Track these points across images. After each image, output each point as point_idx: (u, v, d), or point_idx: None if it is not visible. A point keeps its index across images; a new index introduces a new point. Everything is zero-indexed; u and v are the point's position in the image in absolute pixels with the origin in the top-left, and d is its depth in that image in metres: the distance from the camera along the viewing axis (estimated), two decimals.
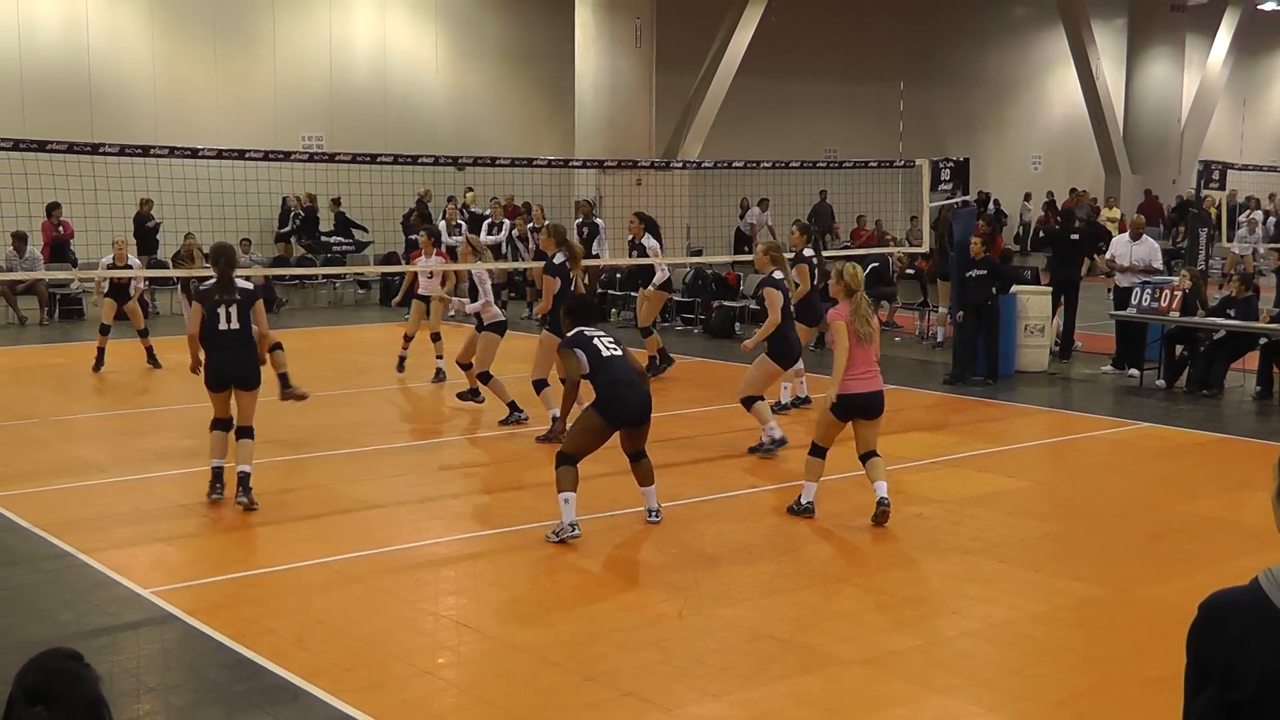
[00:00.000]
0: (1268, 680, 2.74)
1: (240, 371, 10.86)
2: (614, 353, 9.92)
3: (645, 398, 9.91)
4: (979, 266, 17.33)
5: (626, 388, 9.76)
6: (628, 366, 9.91)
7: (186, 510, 10.87)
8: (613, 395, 9.75)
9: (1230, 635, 2.81)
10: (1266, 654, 2.75)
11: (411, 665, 7.45)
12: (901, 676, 7.32)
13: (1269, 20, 46.77)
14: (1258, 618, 2.79)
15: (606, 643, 7.76)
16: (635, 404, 9.81)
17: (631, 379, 9.86)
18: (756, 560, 9.49)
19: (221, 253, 11.06)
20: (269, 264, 26.49)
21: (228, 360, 10.82)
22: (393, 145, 25.01)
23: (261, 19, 30.22)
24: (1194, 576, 8.86)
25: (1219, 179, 22.43)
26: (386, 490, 11.61)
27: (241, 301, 10.84)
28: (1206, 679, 2.85)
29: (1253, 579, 2.85)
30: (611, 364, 9.82)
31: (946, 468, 12.63)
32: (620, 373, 9.80)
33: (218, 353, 10.87)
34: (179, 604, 8.39)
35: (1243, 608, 2.83)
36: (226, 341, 10.81)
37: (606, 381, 9.76)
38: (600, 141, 28.23)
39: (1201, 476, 12.64)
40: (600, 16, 28.66)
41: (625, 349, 10.08)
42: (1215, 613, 2.87)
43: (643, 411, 9.90)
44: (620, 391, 9.75)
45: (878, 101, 37.90)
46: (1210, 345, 16.95)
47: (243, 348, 10.88)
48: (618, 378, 9.78)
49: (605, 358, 9.82)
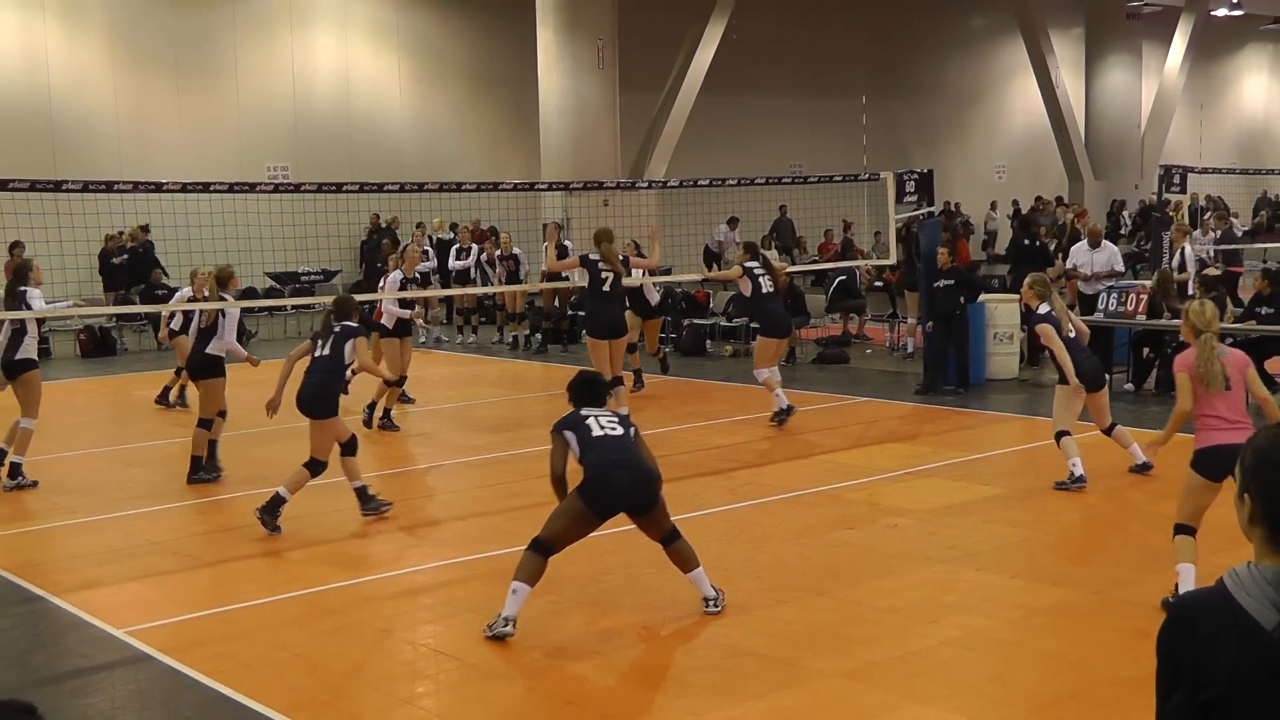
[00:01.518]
0: (1236, 679, 2.78)
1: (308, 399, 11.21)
2: (609, 432, 8.42)
3: (641, 479, 8.35)
4: (946, 276, 17.40)
5: (615, 467, 8.22)
6: (623, 445, 8.36)
7: (158, 548, 10.80)
8: (597, 476, 8.22)
9: (1199, 636, 2.84)
10: (1233, 653, 2.79)
11: (391, 695, 7.41)
12: (882, 687, 7.32)
13: (1222, 26, 47.21)
14: (1224, 618, 2.82)
15: (585, 665, 7.75)
16: (625, 486, 8.25)
17: (625, 458, 8.30)
18: (733, 577, 9.48)
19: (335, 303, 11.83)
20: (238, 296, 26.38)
21: (303, 384, 11.28)
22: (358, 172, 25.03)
23: (223, 50, 30.20)
24: (1169, 577, 8.86)
25: (1180, 183, 22.57)
26: (361, 520, 11.56)
27: (338, 334, 11.32)
28: (1178, 680, 2.88)
29: (1218, 579, 2.88)
30: (602, 443, 8.33)
31: (920, 478, 12.65)
32: (610, 451, 8.29)
33: (304, 376, 11.36)
34: (154, 643, 8.31)
35: (1210, 609, 2.86)
36: (315, 367, 11.32)
37: (593, 461, 8.26)
38: (566, 163, 28.25)
39: (1173, 477, 12.63)
40: (562, 38, 28.69)
41: (632, 428, 8.60)
42: (1183, 615, 2.91)
43: (635, 495, 8.33)
44: (606, 472, 8.21)
45: (841, 115, 38.11)
46: (1177, 347, 17.01)
47: (317, 375, 11.23)
48: (605, 456, 8.26)
49: (596, 437, 8.35)
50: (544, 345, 23.74)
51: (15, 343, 13.01)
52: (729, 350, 22.11)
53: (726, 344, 22.39)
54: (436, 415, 16.69)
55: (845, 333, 22.96)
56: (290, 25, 31.25)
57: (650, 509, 8.43)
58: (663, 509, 8.51)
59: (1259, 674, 2.75)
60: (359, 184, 16.52)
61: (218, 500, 12.42)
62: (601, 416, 8.55)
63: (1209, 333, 8.70)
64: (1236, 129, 54.47)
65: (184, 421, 16.87)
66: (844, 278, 23.31)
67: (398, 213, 27.68)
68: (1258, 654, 2.76)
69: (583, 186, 24.40)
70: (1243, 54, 54.42)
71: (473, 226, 27.25)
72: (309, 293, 27.62)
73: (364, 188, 16.49)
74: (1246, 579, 2.85)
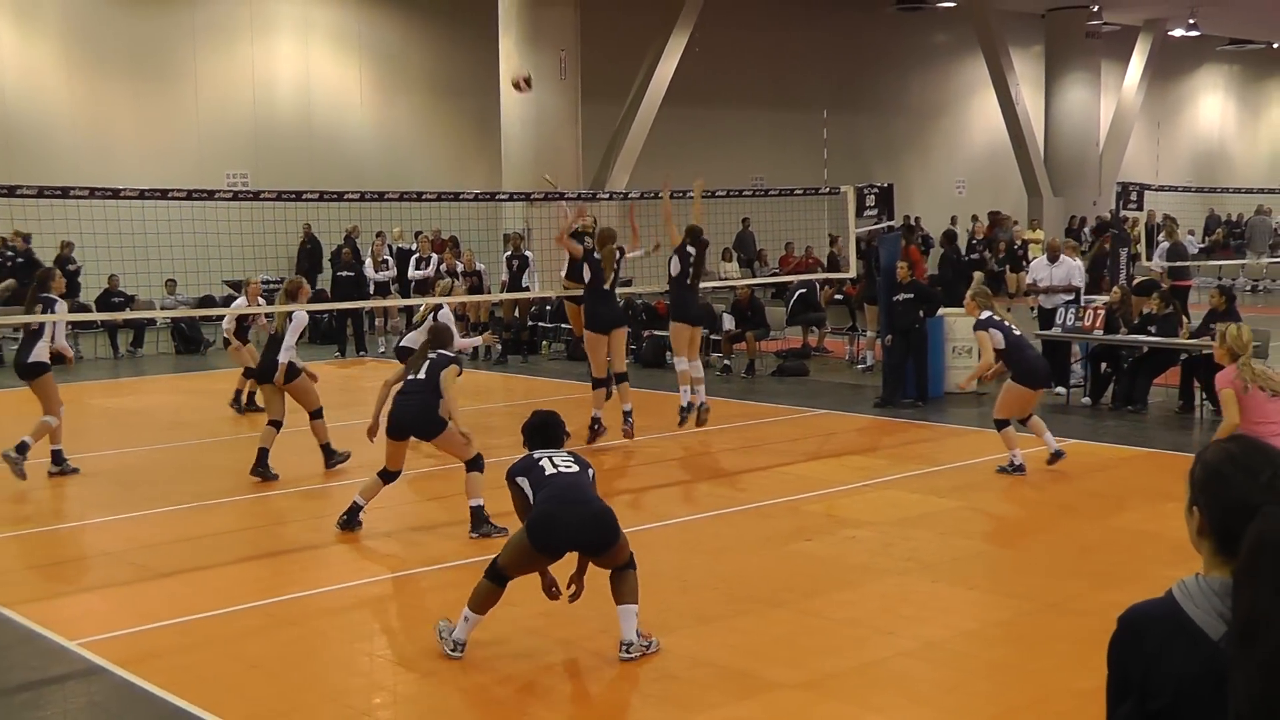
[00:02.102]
0: (1183, 689, 2.82)
1: (409, 419, 10.99)
2: (562, 469, 7.99)
3: (592, 517, 7.87)
4: (906, 290, 17.48)
5: (561, 504, 7.79)
6: (576, 483, 7.93)
7: (111, 558, 10.73)
8: (542, 514, 7.77)
9: (1147, 647, 2.89)
10: (1181, 663, 2.83)
11: (348, 707, 7.38)
12: (839, 698, 7.34)
13: (1179, 46, 47.69)
14: (1173, 629, 2.87)
15: (546, 676, 7.74)
16: (572, 525, 7.80)
17: (576, 496, 7.86)
18: (692, 588, 9.49)
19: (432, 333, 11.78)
20: (194, 304, 26.31)
21: (402, 406, 11.01)
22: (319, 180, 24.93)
23: (182, 55, 30.06)
24: (1123, 588, 8.92)
25: (1137, 200, 22.71)
26: (319, 531, 11.52)
27: (435, 361, 11.10)
28: (1126, 690, 2.93)
29: (1168, 591, 2.92)
30: (553, 481, 7.90)
31: (878, 490, 12.69)
32: (560, 490, 7.86)
33: (400, 399, 11.09)
34: (108, 655, 8.21)
35: (1158, 619, 2.91)
36: (411, 389, 11.05)
37: (541, 499, 7.83)
38: (527, 174, 28.22)
39: (1129, 491, 12.77)
40: (525, 49, 28.67)
41: (589, 470, 8.16)
42: (1133, 625, 2.95)
43: (585, 534, 7.87)
44: (551, 510, 7.77)
45: (803, 129, 38.24)
46: (1133, 362, 17.18)
47: (414, 396, 10.97)
48: (554, 494, 7.83)
49: (549, 475, 7.93)
50: (504, 355, 23.72)
51: (28, 346, 13.62)
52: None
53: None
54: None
55: (805, 345, 23.01)
56: (251, 32, 31.14)
57: (605, 549, 7.94)
58: (620, 550, 7.98)
59: (1205, 683, 2.79)
60: (319, 192, 16.45)
61: (174, 511, 12.33)
62: (556, 457, 8.11)
63: (1246, 355, 9.36)
64: (1193, 148, 55.03)
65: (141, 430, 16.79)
66: (804, 291, 23.37)
67: (358, 222, 27.57)
68: (1204, 663, 2.80)
69: (544, 197, 24.38)
70: (1199, 74, 54.98)
71: (433, 236, 27.21)
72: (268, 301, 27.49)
73: (324, 196, 16.43)
74: (1195, 590, 2.90)
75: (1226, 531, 2.86)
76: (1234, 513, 2.85)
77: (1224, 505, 2.89)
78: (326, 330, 26.34)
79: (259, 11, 31.27)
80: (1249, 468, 2.89)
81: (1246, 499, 2.84)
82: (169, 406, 19.20)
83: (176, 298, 26.14)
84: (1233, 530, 2.83)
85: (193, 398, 19.29)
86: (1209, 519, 2.93)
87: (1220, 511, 2.90)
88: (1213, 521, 2.92)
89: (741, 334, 21.35)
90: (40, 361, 13.57)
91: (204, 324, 25.90)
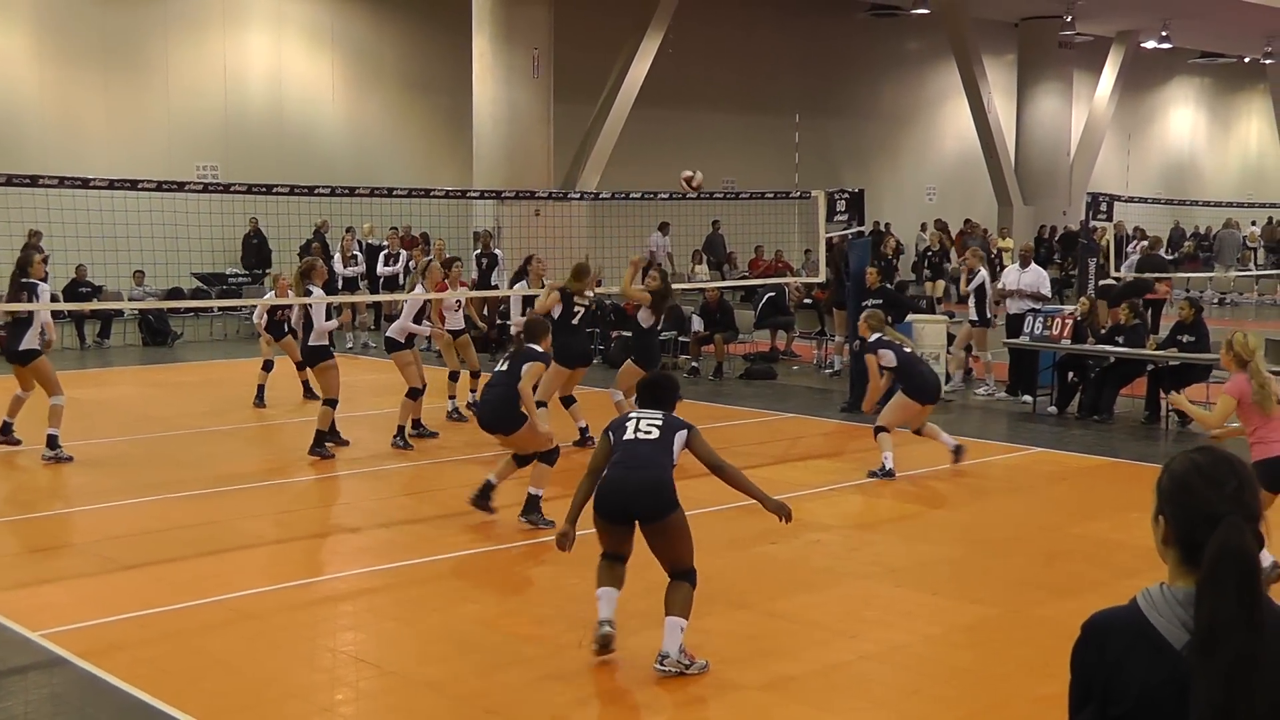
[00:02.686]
0: (1144, 696, 2.85)
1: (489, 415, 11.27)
2: (640, 435, 7.96)
3: (648, 485, 7.80)
4: (874, 295, 17.53)
5: (623, 469, 7.82)
6: (645, 449, 7.88)
7: (76, 550, 10.69)
8: (605, 479, 7.86)
9: (1110, 654, 2.91)
10: (1144, 671, 2.85)
11: (310, 703, 7.37)
12: (800, 700, 7.36)
13: (1151, 58, 47.88)
14: (1135, 637, 2.89)
15: (508, 675, 7.73)
16: (626, 489, 7.80)
17: (640, 462, 7.83)
18: (656, 589, 9.47)
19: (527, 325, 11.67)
20: (163, 296, 26.21)
21: (484, 401, 11.48)
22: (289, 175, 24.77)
23: (153, 46, 29.95)
24: (1086, 596, 8.97)
25: (1107, 210, 22.81)
26: (283, 525, 11.49)
27: (517, 354, 11.29)
28: (1088, 696, 2.95)
29: (1132, 599, 2.94)
30: (626, 446, 7.93)
31: (844, 494, 12.73)
32: (627, 455, 7.87)
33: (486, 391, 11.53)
34: (70, 647, 8.18)
35: (1121, 627, 2.93)
36: (495, 381, 11.23)
37: (611, 464, 7.89)
38: (498, 172, 28.19)
39: (1093, 499, 12.83)
40: (498, 47, 28.65)
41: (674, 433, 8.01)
42: (1096, 632, 2.97)
43: (638, 500, 7.81)
44: (612, 475, 7.83)
45: (774, 133, 38.26)
46: (1100, 372, 17.26)
47: (495, 390, 11.17)
48: (620, 459, 7.87)
49: (626, 440, 7.95)
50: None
51: (18, 334, 13.96)
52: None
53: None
54: (362, 422, 16.60)
55: (773, 349, 23.06)
56: (223, 24, 31.04)
57: (655, 520, 7.82)
58: (677, 533, 7.87)
59: (1167, 691, 2.81)
60: (289, 186, 16.32)
61: (140, 503, 12.29)
62: (644, 419, 8.10)
63: (1254, 361, 9.44)
64: (1163, 159, 55.32)
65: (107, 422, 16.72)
66: (773, 294, 23.43)
67: (328, 216, 27.50)
68: (1166, 672, 2.82)
69: (515, 196, 24.37)
70: (1170, 86, 55.26)
71: (403, 233, 27.17)
72: (236, 294, 27.43)
73: (294, 190, 16.32)
74: (1159, 599, 2.91)
75: (1191, 541, 2.88)
76: (1199, 523, 2.87)
77: (1189, 515, 2.91)
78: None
79: (231, 4, 31.18)
80: (1214, 479, 2.91)
81: (1211, 510, 2.86)
82: (135, 398, 19.11)
83: (144, 289, 26.02)
84: (1197, 540, 2.85)
85: (159, 390, 19.20)
86: (1174, 529, 2.95)
87: (1185, 521, 2.92)
88: (1178, 531, 2.94)
89: (710, 336, 21.38)
90: (32, 348, 13.91)
91: (171, 316, 25.81)
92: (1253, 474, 2.94)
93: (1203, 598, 2.79)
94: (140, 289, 25.97)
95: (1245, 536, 2.81)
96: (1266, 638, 2.75)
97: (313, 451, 14.21)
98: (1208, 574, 2.79)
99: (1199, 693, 2.73)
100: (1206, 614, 2.77)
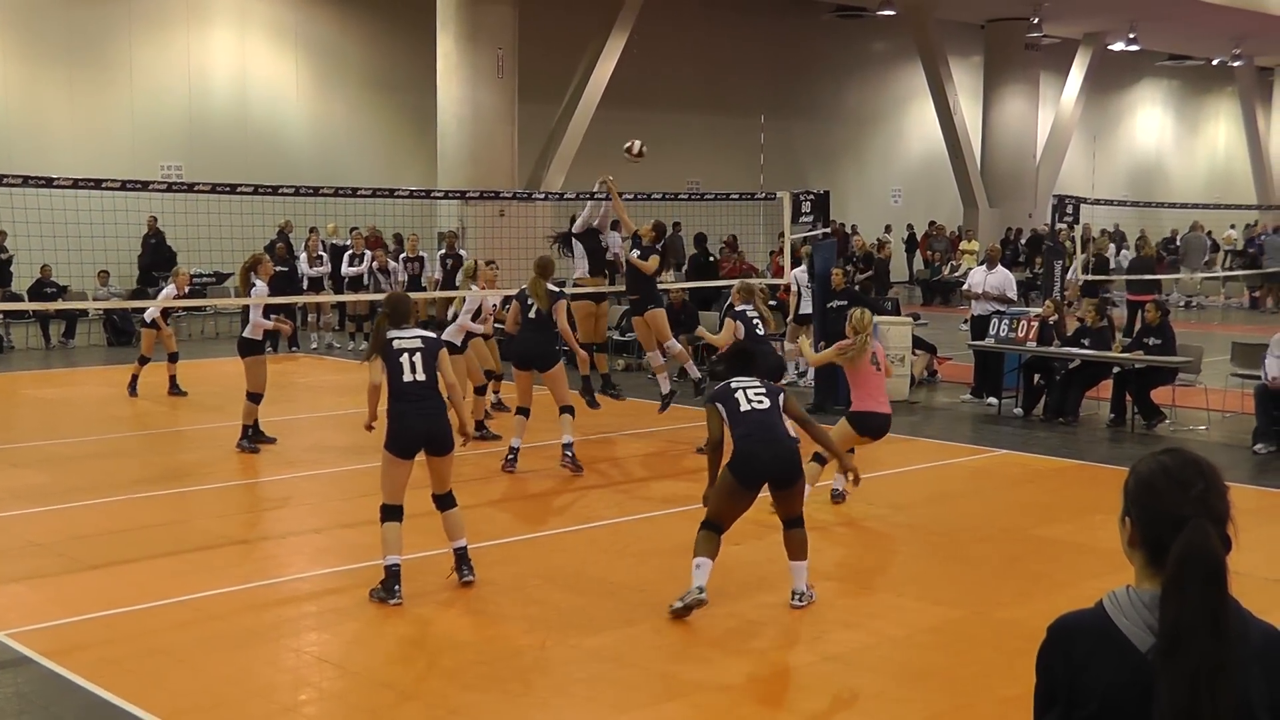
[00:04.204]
0: (1109, 699, 2.85)
1: (433, 427, 9.27)
2: (755, 406, 8.90)
3: (784, 456, 8.86)
4: (839, 297, 17.57)
5: (760, 444, 8.76)
6: (769, 421, 8.87)
7: (40, 549, 10.62)
8: (744, 452, 8.78)
9: (1075, 657, 2.91)
10: (1108, 674, 2.85)
11: (273, 703, 7.35)
12: (763, 701, 7.38)
13: (1118, 60, 48.03)
14: (1101, 639, 2.89)
15: (470, 675, 7.72)
16: (769, 462, 8.81)
17: (770, 436, 8.83)
18: (619, 590, 9.51)
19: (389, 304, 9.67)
20: (127, 296, 26.06)
21: (416, 413, 9.18)
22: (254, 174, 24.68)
23: (117, 44, 29.80)
24: (1050, 598, 9.02)
25: (1072, 213, 22.91)
26: (246, 525, 11.45)
27: (424, 350, 9.34)
28: (1053, 698, 2.95)
29: (1098, 601, 2.94)
30: (749, 418, 8.85)
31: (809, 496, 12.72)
32: (756, 428, 8.81)
33: (405, 406, 9.20)
34: (35, 646, 8.17)
35: (1087, 629, 2.93)
36: (413, 395, 9.21)
37: (740, 436, 8.81)
38: (463, 172, 28.14)
39: (1058, 502, 12.88)
40: (462, 46, 28.60)
41: (780, 396, 9.08)
42: (1061, 635, 2.97)
43: (778, 470, 8.86)
44: (752, 449, 8.76)
45: (740, 134, 38.32)
46: (1066, 374, 17.33)
47: (431, 401, 9.28)
48: (751, 433, 8.79)
49: (743, 412, 8.88)
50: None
51: None
52: (621, 364, 22.15)
53: (619, 358, 22.43)
54: (326, 422, 16.56)
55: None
56: (187, 22, 30.90)
57: (790, 485, 8.97)
58: (800, 488, 9.08)
59: (1130, 693, 2.81)
60: (254, 185, 16.27)
61: (103, 503, 12.23)
62: (750, 388, 9.03)
63: (865, 334, 11.66)
64: (1130, 162, 55.56)
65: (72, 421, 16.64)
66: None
67: (291, 216, 27.40)
68: (1131, 675, 2.82)
69: (479, 196, 24.32)
70: (1137, 89, 55.49)
71: (369, 233, 27.10)
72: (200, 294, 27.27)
73: (258, 189, 16.25)
74: (1125, 602, 2.92)
75: (1158, 543, 2.88)
76: (1165, 525, 2.87)
77: (1155, 517, 2.91)
78: None
79: (195, 3, 31.04)
80: (1181, 481, 2.91)
81: (1177, 512, 2.86)
82: (100, 398, 19.02)
83: (109, 289, 25.88)
84: (1164, 542, 2.85)
85: (124, 389, 19.08)
86: (1140, 530, 2.95)
87: (1151, 523, 2.92)
88: (1144, 533, 2.94)
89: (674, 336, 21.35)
90: None
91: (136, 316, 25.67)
92: (1220, 476, 2.95)
93: (1167, 600, 2.79)
94: (105, 289, 25.83)
95: (1211, 539, 2.81)
96: (1231, 641, 2.76)
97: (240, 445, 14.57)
98: (1172, 576, 2.80)
99: (1163, 696, 2.73)
100: (1171, 617, 2.77)
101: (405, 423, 9.11)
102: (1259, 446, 15.21)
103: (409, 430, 9.11)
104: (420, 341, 9.34)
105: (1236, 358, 18.03)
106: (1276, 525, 12.18)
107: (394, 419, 9.15)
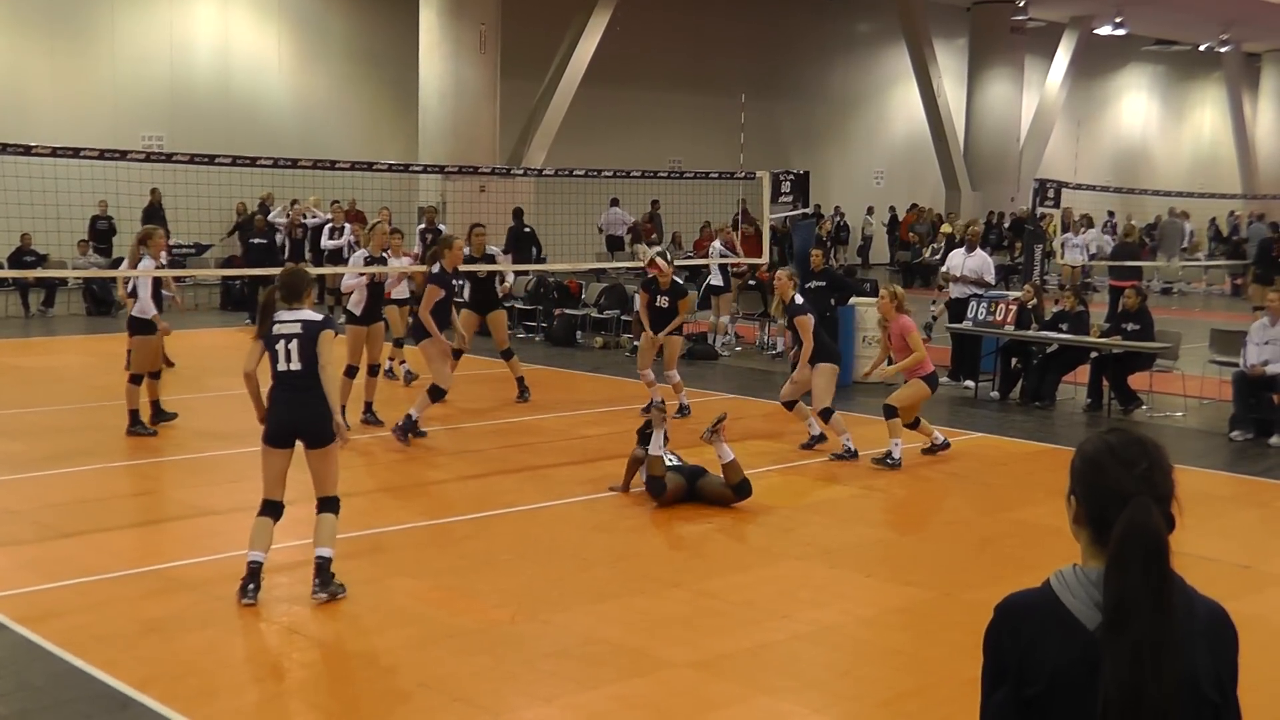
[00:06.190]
0: (1057, 677, 2.87)
1: (301, 419, 8.67)
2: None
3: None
4: (818, 278, 17.59)
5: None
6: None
7: (15, 516, 10.63)
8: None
9: (1023, 635, 2.93)
10: (1056, 652, 2.88)
11: (244, 673, 7.39)
12: (731, 679, 7.42)
13: (1104, 45, 48.02)
14: (1048, 618, 2.91)
15: (440, 648, 7.76)
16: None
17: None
18: (591, 565, 9.55)
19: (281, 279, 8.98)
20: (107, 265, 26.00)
21: (285, 404, 8.66)
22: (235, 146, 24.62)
23: (99, 16, 29.68)
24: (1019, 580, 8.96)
25: (1054, 197, 22.96)
26: (220, 496, 11.46)
27: (303, 336, 8.60)
28: (1002, 677, 2.96)
29: (1045, 581, 2.97)
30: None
31: (782, 475, 12.79)
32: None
33: (277, 394, 8.70)
34: (6, 612, 8.19)
35: (1034, 608, 2.95)
36: (286, 384, 8.64)
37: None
38: (444, 147, 28.12)
39: (1032, 485, 12.93)
40: (445, 21, 28.57)
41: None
42: (1009, 614, 3.00)
43: None
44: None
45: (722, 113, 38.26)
46: (1043, 359, 17.38)
47: (305, 392, 8.61)
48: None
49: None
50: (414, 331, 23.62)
51: None
52: (599, 342, 22.18)
53: (597, 335, 22.44)
54: None
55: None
56: None
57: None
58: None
59: (1078, 670, 2.84)
60: (232, 157, 16.24)
61: (78, 471, 12.23)
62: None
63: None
64: (1114, 147, 55.56)
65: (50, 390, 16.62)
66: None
67: (272, 189, 27.36)
68: (1079, 652, 2.84)
69: (459, 171, 24.30)
70: (1123, 73, 55.47)
71: (349, 206, 27.06)
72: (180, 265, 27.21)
73: (237, 161, 16.23)
74: (1072, 580, 2.95)
75: (1102, 521, 2.91)
76: (1109, 503, 2.89)
77: (1100, 495, 2.94)
78: (239, 297, 26.17)
79: None
80: (1126, 459, 2.94)
81: (1121, 490, 2.89)
82: (79, 367, 19.01)
83: (89, 258, 25.83)
84: (1108, 520, 2.87)
85: (103, 359, 19.03)
86: (1086, 509, 2.98)
87: (1096, 501, 2.95)
88: (1089, 511, 2.97)
89: None
90: None
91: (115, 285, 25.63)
92: (1165, 455, 2.98)
93: (1111, 576, 2.82)
94: (84, 258, 25.78)
95: (1153, 516, 2.83)
96: (1174, 617, 2.78)
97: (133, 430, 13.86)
98: (1115, 553, 2.82)
99: (1108, 671, 2.75)
100: (1114, 593, 2.80)
101: (274, 412, 8.63)
102: (1236, 433, 15.29)
103: (275, 420, 8.64)
104: (300, 327, 8.58)
105: (1215, 344, 18.08)
106: (1252, 511, 12.26)
107: (269, 407, 8.70)
